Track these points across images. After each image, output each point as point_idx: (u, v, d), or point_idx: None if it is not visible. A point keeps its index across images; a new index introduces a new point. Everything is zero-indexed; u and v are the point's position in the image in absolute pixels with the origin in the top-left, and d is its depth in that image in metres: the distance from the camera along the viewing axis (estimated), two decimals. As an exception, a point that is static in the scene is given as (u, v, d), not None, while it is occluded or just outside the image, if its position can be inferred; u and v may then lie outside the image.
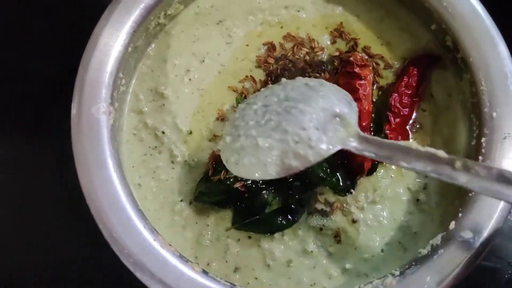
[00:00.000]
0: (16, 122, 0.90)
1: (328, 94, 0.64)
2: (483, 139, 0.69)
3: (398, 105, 0.76)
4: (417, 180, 0.76)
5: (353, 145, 0.61)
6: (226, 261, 0.73)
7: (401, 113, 0.77)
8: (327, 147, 0.60)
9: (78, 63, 0.71)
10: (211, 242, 0.74)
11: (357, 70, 0.76)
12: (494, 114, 0.69)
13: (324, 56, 0.80)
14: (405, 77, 0.77)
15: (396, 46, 0.80)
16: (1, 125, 0.90)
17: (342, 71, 0.77)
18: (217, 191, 0.73)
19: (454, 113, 0.76)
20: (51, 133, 0.87)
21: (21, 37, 0.92)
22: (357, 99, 0.74)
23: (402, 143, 0.59)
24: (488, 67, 0.70)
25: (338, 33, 0.80)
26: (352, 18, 0.81)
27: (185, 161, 0.76)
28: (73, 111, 0.69)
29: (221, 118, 0.77)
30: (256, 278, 0.73)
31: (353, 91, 0.74)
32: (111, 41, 0.71)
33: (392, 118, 0.76)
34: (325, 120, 0.62)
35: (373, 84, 0.78)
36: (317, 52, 0.79)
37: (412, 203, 0.75)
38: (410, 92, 0.77)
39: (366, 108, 0.75)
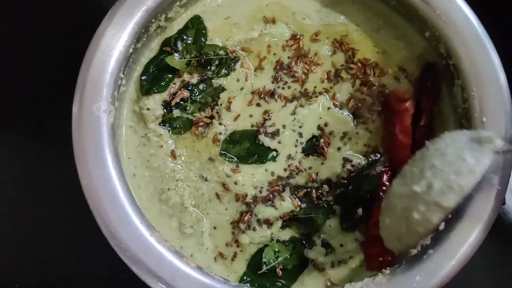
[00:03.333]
0: (18, 122, 0.92)
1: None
2: (473, 143, 0.70)
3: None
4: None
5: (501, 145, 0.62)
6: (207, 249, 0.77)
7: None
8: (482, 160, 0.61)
9: (80, 64, 0.73)
10: (193, 229, 0.76)
11: (396, 105, 0.76)
12: (484, 119, 0.71)
13: (319, 71, 0.82)
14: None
15: (392, 54, 0.82)
16: (3, 124, 0.92)
17: (386, 110, 0.79)
18: None
19: (446, 117, 0.78)
20: (53, 132, 0.89)
21: (25, 39, 0.94)
22: (392, 134, 0.76)
23: None
24: (479, 73, 0.72)
25: (339, 44, 0.82)
26: (352, 27, 0.83)
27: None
28: (74, 109, 0.71)
29: None
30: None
31: (391, 126, 0.76)
32: (113, 42, 0.73)
33: None
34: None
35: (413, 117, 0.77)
36: (313, 69, 0.81)
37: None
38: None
39: (404, 142, 0.75)
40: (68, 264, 0.87)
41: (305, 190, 0.78)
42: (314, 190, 0.77)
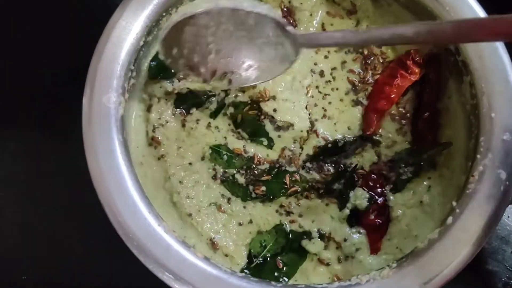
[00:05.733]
0: (26, 116, 0.93)
1: None
2: (481, 139, 0.70)
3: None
4: (424, 183, 0.78)
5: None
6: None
7: None
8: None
9: (89, 59, 0.74)
10: (192, 218, 0.78)
11: (409, 63, 0.78)
12: (493, 114, 0.70)
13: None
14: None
15: (400, 51, 0.82)
16: (13, 117, 0.93)
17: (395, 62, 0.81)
18: None
19: (454, 114, 0.79)
20: (61, 125, 0.90)
21: (33, 33, 0.95)
22: (388, 84, 0.79)
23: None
24: (487, 69, 0.72)
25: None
26: (364, 22, 0.84)
27: None
28: (85, 100, 0.71)
29: None
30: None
31: (392, 76, 0.79)
32: (124, 34, 0.73)
33: None
34: None
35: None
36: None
37: (417, 207, 0.77)
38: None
39: (393, 95, 0.79)
40: (75, 256, 0.88)
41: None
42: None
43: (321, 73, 0.82)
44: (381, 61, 0.82)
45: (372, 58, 0.82)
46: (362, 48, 0.82)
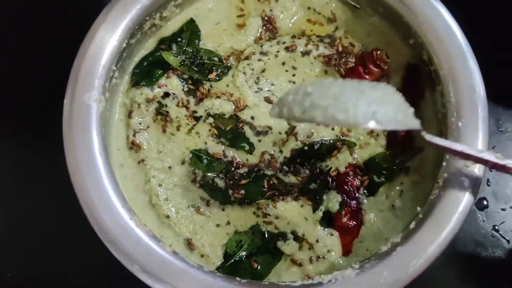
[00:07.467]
0: (14, 119, 0.96)
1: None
2: (448, 146, 0.72)
3: None
4: (397, 188, 0.80)
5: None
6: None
7: None
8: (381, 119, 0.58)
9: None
10: (170, 220, 0.79)
11: (369, 63, 0.81)
12: (460, 124, 0.72)
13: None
14: None
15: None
16: (3, 117, 0.96)
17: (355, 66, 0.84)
18: None
19: (428, 122, 0.80)
20: (49, 128, 0.91)
21: (22, 36, 0.98)
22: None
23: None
24: (457, 79, 0.74)
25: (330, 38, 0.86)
26: (343, 30, 0.86)
27: None
28: (66, 98, 0.75)
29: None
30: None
31: (352, 72, 0.83)
32: (107, 36, 0.77)
33: None
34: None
35: None
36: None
37: (388, 210, 0.79)
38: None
39: None
40: (61, 254, 0.89)
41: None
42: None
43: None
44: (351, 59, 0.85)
45: (345, 55, 0.85)
46: (337, 46, 0.85)
